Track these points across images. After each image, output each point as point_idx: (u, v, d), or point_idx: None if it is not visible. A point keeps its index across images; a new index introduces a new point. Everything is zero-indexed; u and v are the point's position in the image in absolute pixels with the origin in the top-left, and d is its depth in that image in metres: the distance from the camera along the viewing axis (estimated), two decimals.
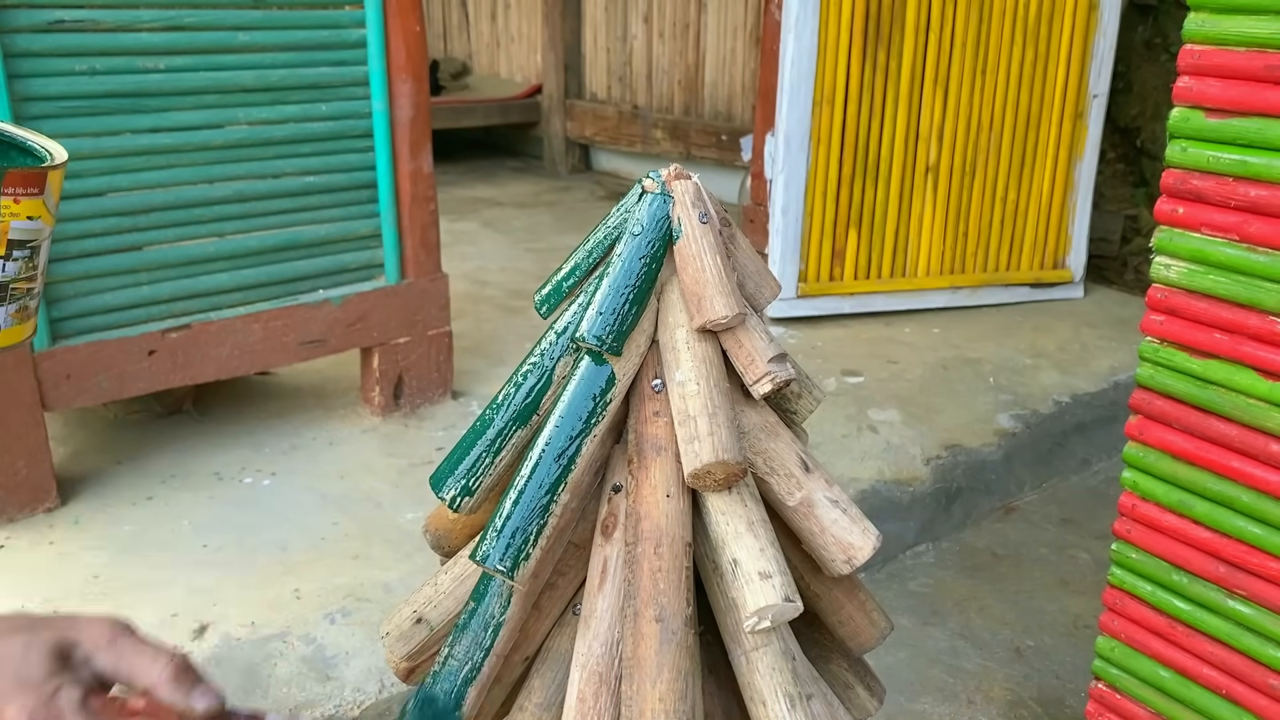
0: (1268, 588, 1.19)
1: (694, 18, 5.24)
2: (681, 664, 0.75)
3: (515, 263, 4.10)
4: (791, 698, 0.77)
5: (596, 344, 0.77)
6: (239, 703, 1.66)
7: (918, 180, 3.41)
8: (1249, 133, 1.12)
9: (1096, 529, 2.54)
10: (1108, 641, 1.39)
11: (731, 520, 0.76)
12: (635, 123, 5.53)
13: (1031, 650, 2.10)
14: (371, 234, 2.49)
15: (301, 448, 2.45)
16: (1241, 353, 1.16)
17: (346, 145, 2.41)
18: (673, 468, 0.78)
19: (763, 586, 0.73)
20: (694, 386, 0.76)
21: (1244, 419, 1.17)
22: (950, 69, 3.33)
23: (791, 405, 0.87)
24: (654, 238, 0.78)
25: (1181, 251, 1.20)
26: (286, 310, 2.36)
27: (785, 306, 3.32)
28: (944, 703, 1.94)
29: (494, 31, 6.59)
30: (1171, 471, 1.26)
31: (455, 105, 5.87)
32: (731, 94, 5.14)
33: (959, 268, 3.55)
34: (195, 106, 2.17)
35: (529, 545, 0.76)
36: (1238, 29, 1.10)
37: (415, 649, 0.87)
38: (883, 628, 0.89)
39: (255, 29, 2.21)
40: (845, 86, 3.21)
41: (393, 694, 1.71)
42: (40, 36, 1.96)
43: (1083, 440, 2.87)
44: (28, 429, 2.07)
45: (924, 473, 2.52)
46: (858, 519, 0.79)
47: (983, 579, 2.35)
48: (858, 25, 3.15)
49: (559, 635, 0.86)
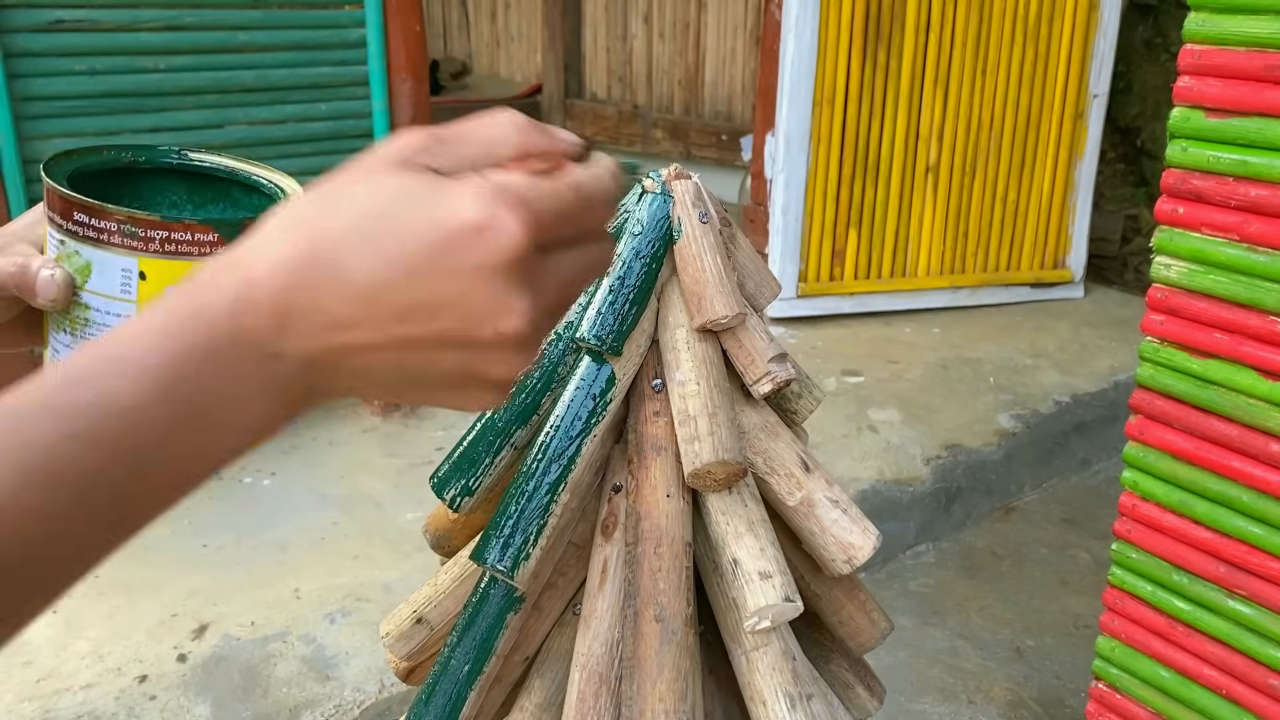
0: (1268, 588, 1.19)
1: (694, 17, 5.24)
2: (681, 664, 0.75)
3: None
4: (791, 698, 0.77)
5: (596, 344, 0.77)
6: (238, 703, 1.66)
7: (918, 180, 3.41)
8: (1249, 132, 1.11)
9: (1097, 529, 2.54)
10: (1108, 641, 1.39)
11: (731, 520, 0.76)
12: (635, 122, 5.53)
13: (1032, 650, 2.09)
14: None
15: (301, 448, 2.45)
16: (1242, 353, 1.16)
17: (346, 145, 2.41)
18: (673, 468, 0.78)
19: (763, 586, 0.73)
20: (694, 386, 0.76)
21: (1244, 419, 1.17)
22: (950, 69, 3.32)
23: (791, 405, 0.86)
24: (654, 238, 0.78)
25: (1182, 251, 1.20)
26: None
27: (785, 306, 3.32)
28: (944, 703, 1.94)
29: (494, 31, 6.59)
30: (1172, 471, 1.26)
31: (455, 105, 5.87)
32: (731, 94, 5.14)
33: (959, 268, 3.55)
34: (195, 106, 2.17)
35: (529, 545, 0.76)
36: (1238, 29, 1.10)
37: (415, 649, 0.87)
38: (883, 628, 0.89)
39: (255, 29, 2.21)
40: (845, 86, 3.21)
41: (393, 694, 1.71)
42: (40, 36, 1.96)
43: (1083, 440, 2.87)
44: None
45: (924, 473, 2.52)
46: (858, 519, 0.79)
47: (983, 579, 2.35)
48: (858, 25, 3.15)
49: (559, 635, 0.86)
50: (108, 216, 0.57)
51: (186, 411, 0.36)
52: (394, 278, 0.37)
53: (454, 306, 0.37)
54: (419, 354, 0.38)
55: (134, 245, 0.57)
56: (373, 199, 0.38)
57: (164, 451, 0.36)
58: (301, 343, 0.37)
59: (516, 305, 0.38)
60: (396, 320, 0.37)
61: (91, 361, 0.36)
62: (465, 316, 0.38)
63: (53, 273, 0.57)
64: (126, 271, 0.58)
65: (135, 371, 0.36)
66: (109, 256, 0.57)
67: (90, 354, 0.36)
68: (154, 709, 1.65)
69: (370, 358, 0.38)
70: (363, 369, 0.39)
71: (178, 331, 0.36)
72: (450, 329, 0.38)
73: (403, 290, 0.37)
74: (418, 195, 0.38)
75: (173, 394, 0.36)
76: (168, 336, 0.36)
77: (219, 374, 0.36)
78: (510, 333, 0.38)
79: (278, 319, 0.37)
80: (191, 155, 0.67)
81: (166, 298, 0.38)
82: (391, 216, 0.37)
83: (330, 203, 0.38)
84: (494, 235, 0.37)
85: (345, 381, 0.39)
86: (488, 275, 0.37)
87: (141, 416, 0.35)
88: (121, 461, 0.35)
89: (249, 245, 0.38)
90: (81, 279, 0.58)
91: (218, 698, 1.68)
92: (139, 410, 0.35)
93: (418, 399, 0.41)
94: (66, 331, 0.60)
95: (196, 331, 0.37)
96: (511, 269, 0.37)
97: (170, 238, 0.57)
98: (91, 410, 0.35)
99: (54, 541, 0.34)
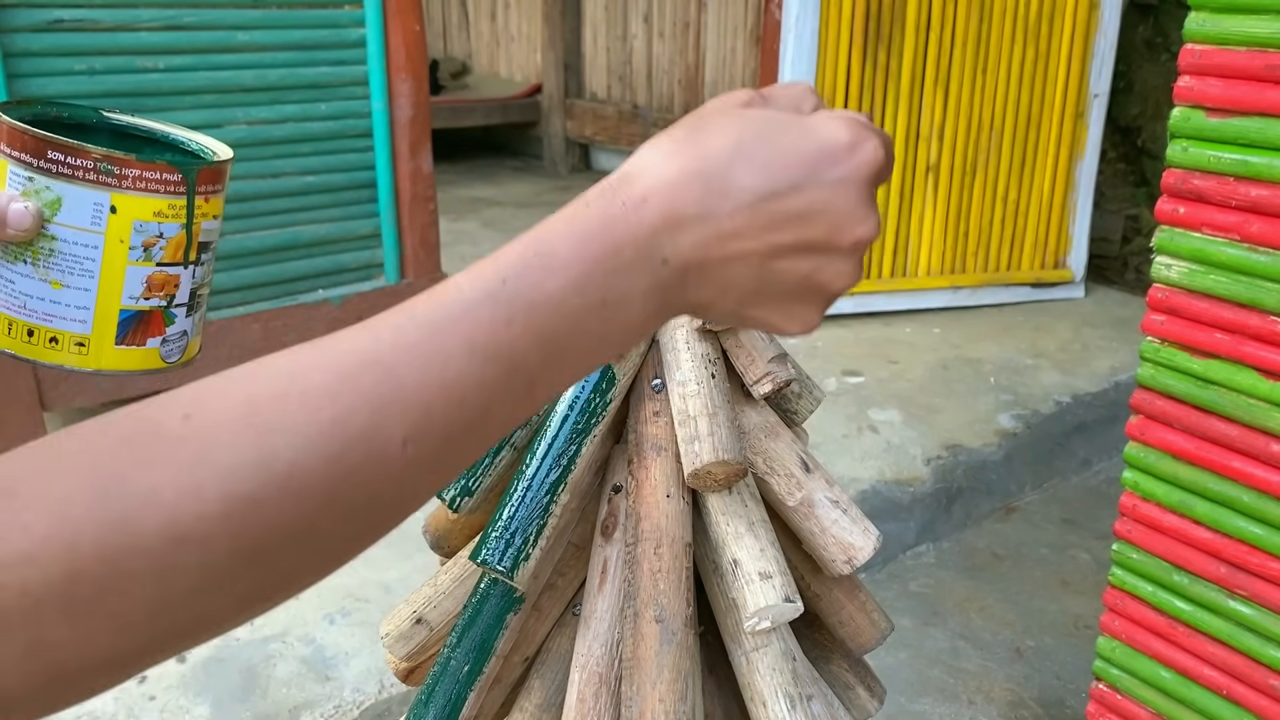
0: (1269, 588, 1.19)
1: (694, 17, 5.24)
2: (681, 664, 0.75)
3: None
4: (791, 698, 0.76)
5: None
6: (237, 703, 1.66)
7: (918, 180, 3.41)
8: (1250, 132, 1.11)
9: (1097, 529, 2.53)
10: (1108, 642, 1.39)
11: (732, 520, 0.76)
12: (635, 122, 5.53)
13: (1032, 650, 2.09)
14: (371, 234, 2.49)
15: None
16: (1242, 353, 1.16)
17: (346, 145, 2.41)
18: (673, 468, 0.78)
19: (763, 587, 0.73)
20: (694, 386, 0.76)
21: (1245, 419, 1.17)
22: (950, 68, 3.32)
23: (791, 405, 0.86)
24: None
25: (1182, 251, 1.20)
26: (286, 310, 2.35)
27: None
28: (944, 703, 1.94)
29: (494, 31, 6.59)
30: (1172, 472, 1.26)
31: (455, 105, 5.87)
32: None
33: (959, 267, 3.55)
34: (195, 106, 2.17)
35: (529, 545, 0.76)
36: (1238, 28, 1.10)
37: (415, 649, 0.87)
38: (883, 628, 0.89)
39: (255, 29, 2.21)
40: (845, 86, 3.21)
41: (392, 694, 1.70)
42: (40, 36, 1.96)
43: (1083, 440, 2.87)
44: (27, 429, 2.06)
45: (924, 473, 2.52)
46: (858, 519, 0.79)
47: (983, 579, 2.35)
48: (858, 25, 3.15)
49: (559, 636, 0.86)
50: (85, 155, 0.63)
51: (595, 304, 0.41)
52: (777, 188, 0.42)
53: (825, 214, 0.42)
54: (784, 261, 0.43)
55: (108, 182, 0.63)
56: (745, 128, 0.43)
57: (570, 342, 0.41)
58: (688, 249, 0.42)
59: (873, 216, 0.43)
60: (776, 227, 0.42)
61: (524, 257, 0.40)
62: (833, 223, 0.43)
63: (25, 205, 0.62)
64: (98, 205, 0.64)
65: (561, 268, 0.40)
66: (82, 191, 0.64)
67: (521, 250, 0.41)
68: (153, 709, 1.65)
69: (741, 266, 0.43)
70: (731, 277, 0.43)
71: (595, 234, 0.41)
72: (818, 235, 0.43)
73: (785, 200, 0.42)
74: (789, 122, 0.43)
75: (586, 289, 0.40)
76: (587, 240, 0.41)
77: (621, 272, 0.41)
78: (865, 240, 0.43)
79: (670, 228, 0.42)
80: (107, 114, 0.74)
81: (574, 206, 0.42)
82: (769, 139, 0.43)
83: (704, 133, 0.43)
84: (863, 152, 0.43)
85: (709, 292, 0.44)
86: (857, 186, 0.43)
87: (561, 308, 0.40)
88: (542, 347, 0.40)
89: (636, 167, 0.43)
90: (50, 212, 0.64)
91: (217, 698, 1.68)
92: (561, 302, 0.40)
93: (760, 315, 0.45)
94: (27, 262, 0.65)
95: (606, 236, 0.41)
96: (873, 183, 0.43)
97: (142, 175, 0.64)
98: (525, 301, 0.39)
99: (487, 410, 0.39)
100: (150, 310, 0.68)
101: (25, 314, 0.66)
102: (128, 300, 0.67)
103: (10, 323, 0.66)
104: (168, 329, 0.69)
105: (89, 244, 0.65)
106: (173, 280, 0.68)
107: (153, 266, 0.67)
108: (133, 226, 0.65)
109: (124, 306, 0.67)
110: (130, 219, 0.65)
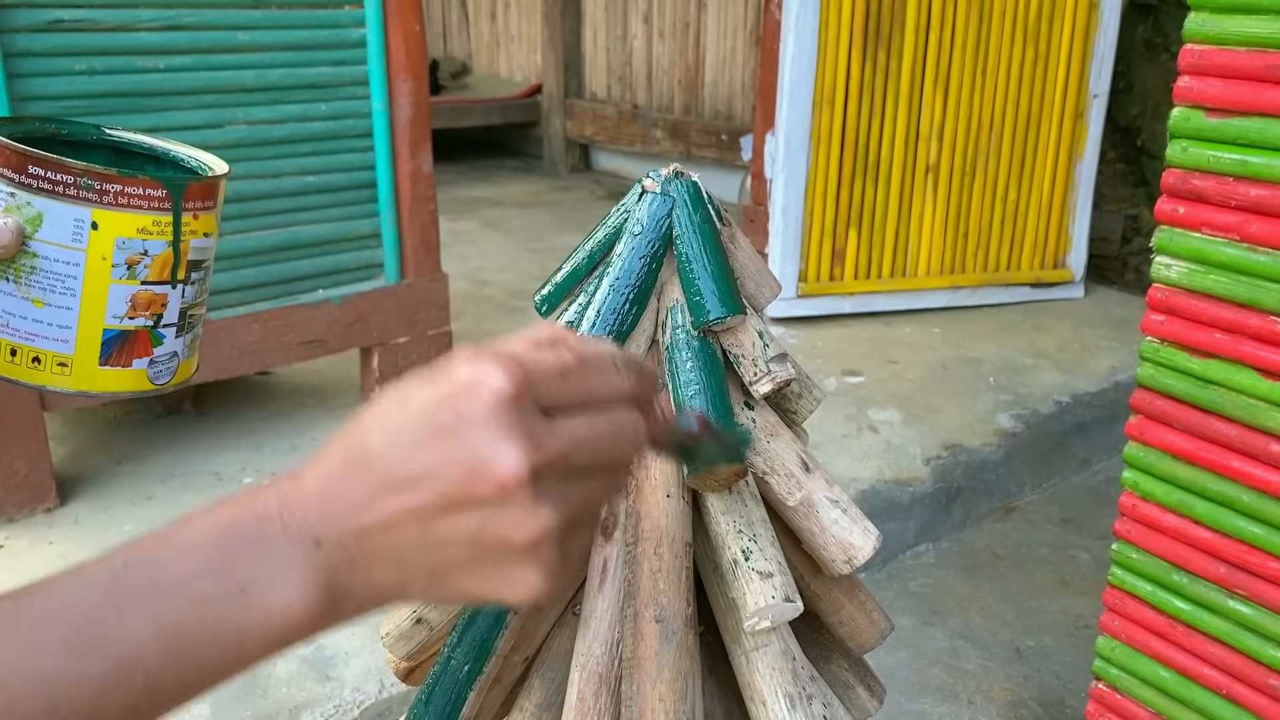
0: (1268, 588, 1.19)
1: (694, 17, 5.24)
2: (681, 664, 0.75)
3: (515, 263, 4.10)
4: (791, 698, 0.76)
5: None
6: (237, 703, 1.66)
7: (918, 180, 3.41)
8: (1249, 132, 1.11)
9: (1097, 529, 2.53)
10: (1108, 642, 1.39)
11: (732, 520, 0.76)
12: (635, 122, 5.53)
13: (1032, 650, 2.09)
14: (371, 234, 2.49)
15: (301, 448, 2.45)
16: (1242, 353, 1.16)
17: (346, 145, 2.41)
18: (673, 468, 0.78)
19: (763, 586, 0.73)
20: (695, 387, 0.76)
21: (1244, 419, 1.17)
22: (950, 69, 3.32)
23: (791, 405, 0.86)
24: (654, 237, 0.78)
25: (1182, 251, 1.20)
26: (286, 310, 2.35)
27: (785, 306, 3.32)
28: (944, 703, 1.94)
29: (494, 31, 6.59)
30: (1172, 471, 1.26)
31: (455, 105, 5.87)
32: (731, 94, 5.14)
33: (959, 268, 3.55)
34: (195, 106, 2.17)
35: None
36: (1238, 28, 1.10)
37: (415, 649, 0.87)
38: (883, 628, 0.89)
39: (255, 29, 2.21)
40: (845, 86, 3.21)
41: (392, 694, 1.70)
42: (40, 36, 1.96)
43: (1083, 440, 2.87)
44: (27, 429, 2.07)
45: (924, 473, 2.52)
46: (858, 519, 0.79)
47: (983, 579, 2.35)
48: (858, 25, 3.15)
49: (559, 635, 0.86)
50: (66, 170, 0.61)
51: (232, 591, 0.38)
52: (398, 450, 0.40)
53: (451, 463, 0.39)
54: (442, 521, 0.40)
55: (89, 197, 0.61)
56: (394, 395, 0.42)
57: (202, 634, 0.38)
58: (335, 527, 0.40)
59: (508, 450, 0.39)
60: (403, 488, 0.40)
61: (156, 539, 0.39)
62: (465, 469, 0.39)
63: (5, 220, 0.60)
64: (79, 221, 0.62)
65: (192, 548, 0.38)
66: (63, 207, 0.61)
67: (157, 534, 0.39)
68: None
69: (400, 534, 0.40)
70: (399, 550, 0.41)
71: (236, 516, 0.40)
72: (454, 486, 0.39)
73: (406, 459, 0.40)
74: (427, 379, 0.42)
75: (219, 572, 0.38)
76: (225, 522, 0.40)
77: (264, 557, 0.39)
78: (507, 479, 0.39)
79: (319, 506, 0.40)
80: (109, 131, 0.72)
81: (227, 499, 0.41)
82: (403, 402, 0.41)
83: (371, 407, 0.42)
84: (480, 386, 0.40)
85: (388, 571, 0.41)
86: (476, 423, 0.39)
87: (186, 593, 0.37)
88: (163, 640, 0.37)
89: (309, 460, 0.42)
90: (32, 228, 0.62)
91: (217, 697, 1.68)
92: (186, 587, 0.37)
93: (467, 587, 0.42)
94: (9, 279, 0.63)
95: (246, 515, 0.40)
96: (498, 414, 0.39)
97: (124, 191, 0.62)
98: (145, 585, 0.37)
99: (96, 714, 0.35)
100: (135, 330, 0.66)
101: (8, 333, 0.64)
102: (111, 319, 0.65)
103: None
104: (155, 350, 0.67)
105: (70, 261, 0.62)
106: (159, 300, 0.66)
107: (137, 285, 0.65)
108: (115, 243, 0.63)
109: (107, 326, 0.65)
110: (113, 235, 0.63)
